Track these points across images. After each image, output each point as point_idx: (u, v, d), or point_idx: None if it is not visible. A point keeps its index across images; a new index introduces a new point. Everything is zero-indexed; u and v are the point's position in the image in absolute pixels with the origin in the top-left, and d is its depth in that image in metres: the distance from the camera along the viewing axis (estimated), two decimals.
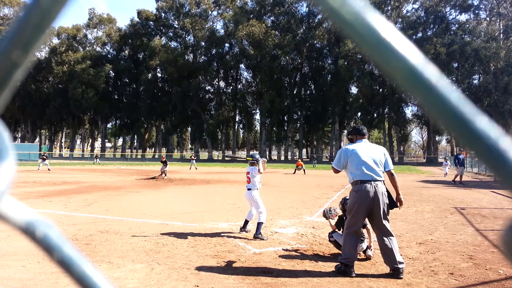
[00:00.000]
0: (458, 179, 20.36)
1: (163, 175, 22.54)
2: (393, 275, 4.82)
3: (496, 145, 0.28)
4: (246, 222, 7.43)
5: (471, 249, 6.31)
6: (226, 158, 65.40)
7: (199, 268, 5.12)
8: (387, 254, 4.89)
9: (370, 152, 5.10)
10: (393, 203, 5.01)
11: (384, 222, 4.95)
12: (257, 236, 6.88)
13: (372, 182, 4.92)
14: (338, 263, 5.08)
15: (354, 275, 4.87)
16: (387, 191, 5.04)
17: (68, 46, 69.08)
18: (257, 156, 7.53)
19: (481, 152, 0.29)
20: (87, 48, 72.28)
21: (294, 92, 65.52)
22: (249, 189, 7.27)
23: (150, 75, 68.11)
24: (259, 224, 6.98)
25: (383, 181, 5.03)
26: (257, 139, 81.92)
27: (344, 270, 4.95)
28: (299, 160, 33.78)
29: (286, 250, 6.19)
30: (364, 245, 5.61)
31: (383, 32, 0.29)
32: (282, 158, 68.85)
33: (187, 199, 12.87)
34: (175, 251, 5.99)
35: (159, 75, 70.30)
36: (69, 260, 0.39)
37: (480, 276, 4.95)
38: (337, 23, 0.28)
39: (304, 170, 30.27)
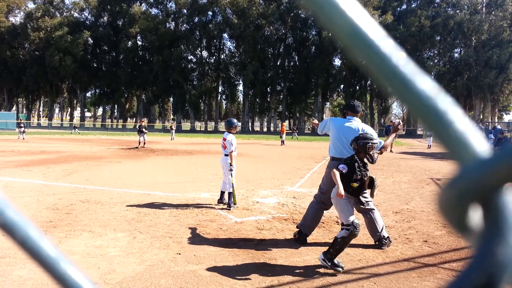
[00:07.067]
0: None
1: (141, 144, 21.96)
2: (375, 245, 4.96)
3: (436, 106, 0.28)
4: (222, 193, 7.36)
5: None
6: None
7: (181, 237, 5.18)
8: (370, 227, 5.00)
9: (350, 132, 4.93)
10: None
11: (360, 198, 4.99)
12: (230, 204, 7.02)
13: (343, 160, 4.90)
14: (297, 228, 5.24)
15: (303, 243, 5.03)
16: None
17: (45, 11, 66.25)
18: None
19: (422, 113, 0.29)
20: (64, 13, 69.47)
21: (278, 63, 64.99)
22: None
23: (130, 43, 66.15)
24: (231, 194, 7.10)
25: None
26: (240, 110, 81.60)
27: (298, 236, 5.12)
28: (284, 124, 32.57)
29: (267, 219, 6.31)
30: None
31: None
32: (265, 129, 69.00)
33: (169, 169, 12.86)
34: (157, 220, 6.03)
35: (139, 43, 68.38)
36: (11, 224, 0.38)
37: (452, 244, 5.17)
38: None
39: (282, 141, 29.50)
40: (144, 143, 22.25)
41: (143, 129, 22.26)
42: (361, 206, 5.02)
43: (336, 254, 4.13)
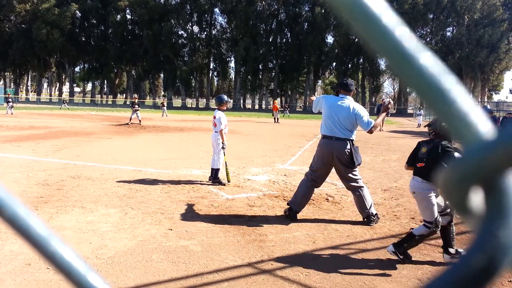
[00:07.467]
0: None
1: (131, 121, 21.85)
2: (364, 222, 5.06)
3: (439, 84, 0.27)
4: (213, 170, 7.32)
5: None
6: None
7: (173, 213, 5.22)
8: (359, 205, 5.09)
9: (342, 110, 4.93)
10: (353, 162, 4.98)
11: (350, 176, 5.04)
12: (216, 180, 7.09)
13: (333, 139, 4.95)
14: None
15: (293, 219, 5.08)
16: (351, 149, 4.96)
17: None
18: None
19: (423, 90, 0.28)
20: None
21: (270, 40, 64.21)
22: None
23: (119, 16, 64.66)
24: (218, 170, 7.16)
25: (348, 139, 4.94)
26: (231, 87, 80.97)
27: (288, 213, 5.18)
28: (275, 101, 32.67)
29: (258, 196, 6.37)
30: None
31: None
32: (256, 107, 68.76)
33: (160, 146, 12.83)
34: (149, 196, 6.06)
35: (128, 17, 66.87)
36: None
37: None
38: None
39: (277, 118, 29.75)
40: (140, 120, 21.88)
41: (135, 106, 22.04)
42: (351, 184, 5.10)
43: (409, 248, 3.96)
